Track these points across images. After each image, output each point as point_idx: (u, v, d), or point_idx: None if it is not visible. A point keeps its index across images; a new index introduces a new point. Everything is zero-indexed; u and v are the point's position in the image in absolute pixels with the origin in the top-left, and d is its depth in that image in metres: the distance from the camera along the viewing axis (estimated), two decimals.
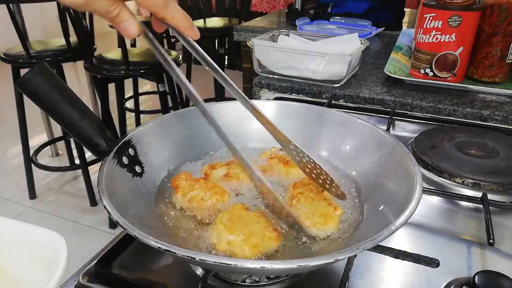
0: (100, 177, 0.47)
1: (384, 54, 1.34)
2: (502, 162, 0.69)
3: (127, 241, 0.53)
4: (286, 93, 1.05)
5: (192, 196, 0.53)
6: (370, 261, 0.51)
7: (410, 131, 0.87)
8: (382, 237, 0.38)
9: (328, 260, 0.36)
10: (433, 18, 0.94)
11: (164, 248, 0.37)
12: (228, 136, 0.46)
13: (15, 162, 2.65)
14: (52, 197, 2.34)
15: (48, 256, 0.44)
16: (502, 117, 0.88)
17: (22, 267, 0.47)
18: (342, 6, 1.74)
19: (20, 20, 2.21)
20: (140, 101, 2.95)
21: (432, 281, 0.48)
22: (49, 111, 0.48)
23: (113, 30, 2.37)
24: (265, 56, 1.08)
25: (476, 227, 0.59)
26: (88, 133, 0.50)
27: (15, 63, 1.99)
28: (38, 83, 0.46)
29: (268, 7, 3.73)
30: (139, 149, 0.57)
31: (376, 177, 0.55)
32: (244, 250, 0.44)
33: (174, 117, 0.64)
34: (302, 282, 0.48)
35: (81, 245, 1.64)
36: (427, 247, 0.55)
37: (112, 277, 0.48)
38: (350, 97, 0.99)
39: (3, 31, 3.37)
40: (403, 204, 0.43)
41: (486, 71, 1.00)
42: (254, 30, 1.70)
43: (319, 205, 0.51)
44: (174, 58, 2.04)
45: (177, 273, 0.50)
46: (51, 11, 3.67)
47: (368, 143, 0.60)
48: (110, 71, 1.89)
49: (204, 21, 2.83)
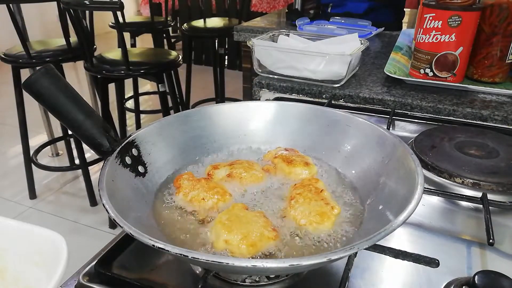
0: (101, 176, 0.47)
1: (384, 54, 1.34)
2: (502, 162, 0.69)
3: (127, 241, 0.53)
4: (286, 93, 1.05)
5: (193, 196, 0.53)
6: (370, 261, 0.51)
7: (410, 131, 0.87)
8: (378, 237, 0.38)
9: (321, 260, 0.36)
10: (433, 18, 0.94)
11: (158, 246, 0.37)
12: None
13: (15, 162, 2.65)
14: (52, 197, 2.34)
15: (48, 256, 0.44)
16: (502, 117, 0.88)
17: (22, 267, 0.47)
18: (342, 6, 1.74)
19: (20, 20, 2.21)
20: (140, 101, 2.95)
21: (432, 281, 0.48)
22: (54, 112, 0.49)
23: (113, 30, 2.37)
24: (265, 56, 1.08)
25: (476, 227, 0.59)
26: (92, 133, 0.51)
27: (15, 63, 1.99)
28: (43, 84, 0.47)
29: (268, 7, 3.74)
30: (143, 150, 0.57)
31: (377, 177, 0.55)
32: (242, 249, 0.44)
33: (178, 119, 0.64)
34: (302, 282, 0.48)
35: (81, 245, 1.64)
36: (427, 247, 0.55)
37: (112, 277, 0.48)
38: (350, 97, 0.99)
39: (3, 31, 3.37)
40: (403, 204, 0.43)
41: (486, 71, 1.00)
42: (254, 30, 1.70)
43: (316, 204, 0.51)
44: (174, 58, 2.04)
45: (177, 273, 0.50)
46: (51, 11, 3.67)
47: (369, 142, 0.59)
48: (110, 71, 1.89)
49: (204, 21, 2.83)
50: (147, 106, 3.57)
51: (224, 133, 0.67)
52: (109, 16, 2.03)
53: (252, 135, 0.68)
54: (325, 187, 0.56)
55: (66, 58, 2.06)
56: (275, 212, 0.52)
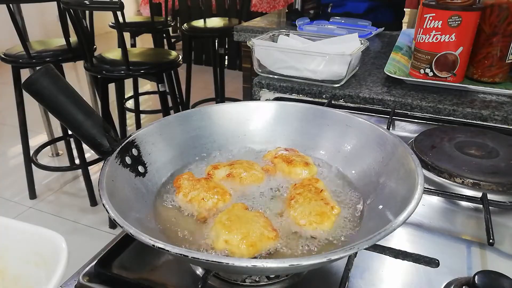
0: (101, 176, 0.47)
1: (384, 54, 1.34)
2: (502, 162, 0.69)
3: (127, 241, 0.53)
4: (286, 93, 1.05)
5: (193, 196, 0.53)
6: (370, 261, 0.51)
7: (410, 131, 0.87)
8: (378, 237, 0.38)
9: (321, 260, 0.36)
10: (433, 18, 0.94)
11: (158, 246, 0.37)
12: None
13: (15, 162, 2.65)
14: (52, 197, 2.34)
15: (48, 256, 0.45)
16: (502, 117, 0.88)
17: (22, 267, 0.47)
18: (342, 6, 1.74)
19: (20, 20, 2.21)
20: (140, 101, 2.95)
21: (432, 281, 0.48)
22: (54, 112, 0.49)
23: (113, 30, 2.37)
24: (265, 56, 1.08)
25: (476, 227, 0.59)
26: (92, 133, 0.51)
27: (15, 63, 1.99)
28: (43, 84, 0.47)
29: (268, 7, 3.73)
30: (143, 150, 0.57)
31: (377, 177, 0.55)
32: (241, 249, 0.44)
33: (179, 119, 0.64)
34: (302, 282, 0.48)
35: (81, 245, 1.64)
36: (427, 247, 0.55)
37: (112, 277, 0.48)
38: (350, 97, 0.99)
39: (3, 31, 3.37)
40: (403, 204, 0.43)
41: (486, 71, 1.00)
42: (254, 30, 1.70)
43: (316, 204, 0.51)
44: (174, 58, 2.04)
45: (177, 273, 0.50)
46: (51, 11, 3.67)
47: (370, 142, 0.59)
48: (110, 71, 1.89)
49: (204, 21, 2.83)
50: (147, 106, 3.57)
51: (224, 133, 0.67)
52: (109, 16, 2.03)
53: (252, 135, 0.68)
54: (325, 187, 0.56)
55: (66, 58, 2.06)
56: (275, 212, 0.52)
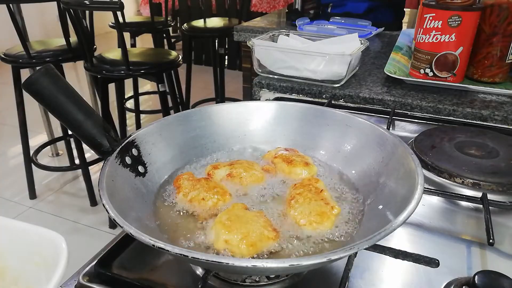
0: (101, 177, 0.47)
1: (384, 54, 1.34)
2: (502, 162, 0.69)
3: (127, 241, 0.53)
4: (286, 93, 1.05)
5: (193, 196, 0.53)
6: (370, 261, 0.51)
7: (410, 131, 0.87)
8: (378, 237, 0.38)
9: (321, 260, 0.36)
10: (433, 18, 0.94)
11: (158, 246, 0.37)
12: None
13: (15, 162, 2.65)
14: (52, 197, 2.34)
15: (48, 256, 0.44)
16: (502, 117, 0.88)
17: (22, 267, 0.47)
18: (342, 6, 1.74)
19: (20, 20, 2.21)
20: (140, 101, 2.95)
21: (432, 281, 0.48)
22: (54, 112, 0.49)
23: (113, 30, 2.37)
24: (265, 56, 1.08)
25: (476, 227, 0.59)
26: (92, 133, 0.51)
27: (15, 63, 1.99)
28: (43, 84, 0.47)
29: (268, 7, 3.73)
30: (143, 150, 0.57)
31: (377, 177, 0.55)
32: (241, 249, 0.44)
33: (179, 118, 0.64)
34: (302, 282, 0.48)
35: (81, 245, 1.65)
36: (427, 247, 0.55)
37: (112, 277, 0.48)
38: (350, 97, 0.99)
39: (3, 31, 3.37)
40: (403, 204, 0.43)
41: (486, 71, 1.00)
42: (254, 30, 1.70)
43: (316, 204, 0.51)
44: (174, 58, 2.04)
45: (177, 273, 0.50)
46: (51, 11, 3.67)
47: (370, 142, 0.59)
48: (110, 71, 1.89)
49: (204, 21, 2.83)
50: (147, 106, 3.57)
51: (224, 133, 0.67)
52: (109, 16, 2.03)
53: (252, 135, 0.68)
54: (325, 187, 0.56)
55: (66, 58, 2.06)
56: (275, 212, 0.52)
